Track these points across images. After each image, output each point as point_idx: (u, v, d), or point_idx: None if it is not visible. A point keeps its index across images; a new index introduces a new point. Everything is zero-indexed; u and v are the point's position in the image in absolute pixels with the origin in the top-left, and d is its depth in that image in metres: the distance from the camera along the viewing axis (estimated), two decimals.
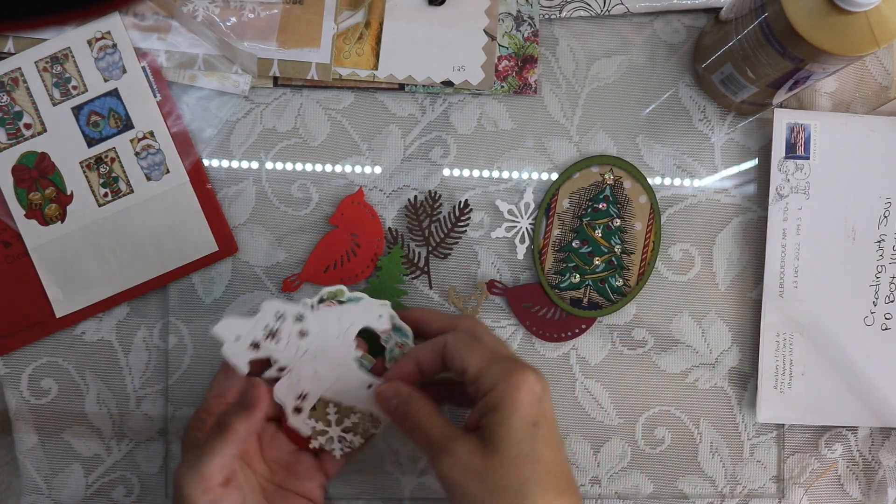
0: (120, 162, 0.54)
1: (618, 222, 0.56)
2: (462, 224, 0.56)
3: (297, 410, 0.49)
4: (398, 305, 0.55)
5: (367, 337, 0.49)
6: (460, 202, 0.56)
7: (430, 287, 0.56)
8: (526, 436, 0.40)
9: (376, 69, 0.56)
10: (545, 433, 0.41)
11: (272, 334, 0.47)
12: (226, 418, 0.45)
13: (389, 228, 0.56)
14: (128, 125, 0.54)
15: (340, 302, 0.48)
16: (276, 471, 0.50)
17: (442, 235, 0.55)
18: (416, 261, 0.56)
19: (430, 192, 0.56)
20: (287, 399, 0.48)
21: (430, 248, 0.55)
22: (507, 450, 0.40)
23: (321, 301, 0.48)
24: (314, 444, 0.50)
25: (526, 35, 0.57)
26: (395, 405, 0.45)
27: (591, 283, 0.56)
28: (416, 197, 0.56)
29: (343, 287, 0.49)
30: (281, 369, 0.48)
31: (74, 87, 0.54)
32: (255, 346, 0.47)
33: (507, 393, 0.40)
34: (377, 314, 0.49)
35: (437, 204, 0.56)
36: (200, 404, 0.49)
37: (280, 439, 0.50)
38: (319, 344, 0.48)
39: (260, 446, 0.49)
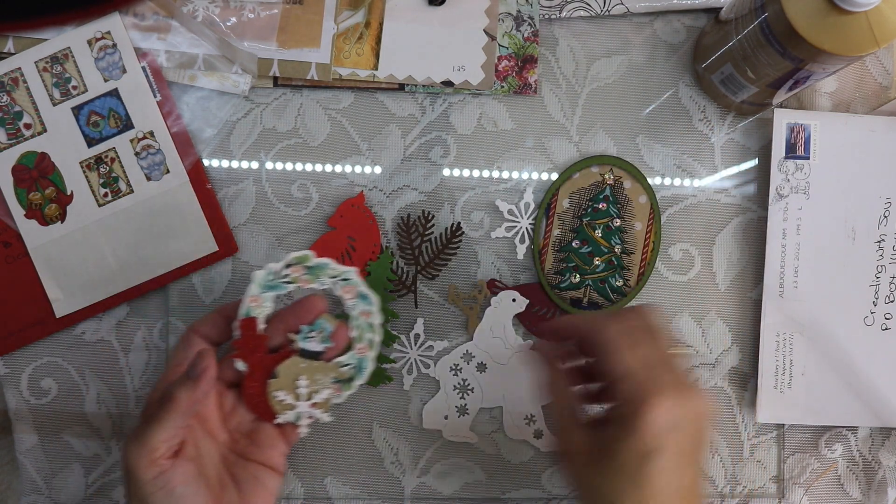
0: (120, 162, 0.54)
1: (618, 222, 0.56)
2: (453, 246, 0.55)
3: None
4: (389, 313, 0.55)
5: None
6: (452, 224, 0.56)
7: (416, 307, 0.56)
8: (633, 462, 0.39)
9: (376, 69, 0.56)
10: (663, 463, 0.39)
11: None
12: (171, 389, 0.44)
13: (384, 245, 0.56)
14: (128, 125, 0.54)
15: (308, 267, 0.48)
16: (237, 439, 0.49)
17: (431, 256, 0.55)
18: (403, 279, 0.56)
19: (423, 211, 0.56)
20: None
21: (419, 268, 0.55)
22: (610, 465, 0.40)
23: (288, 266, 0.48)
24: (280, 419, 0.49)
25: (526, 35, 0.56)
26: (539, 372, 0.46)
27: (591, 283, 0.56)
28: (409, 216, 0.56)
29: (309, 252, 0.48)
30: None
31: (74, 87, 0.54)
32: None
33: (635, 416, 0.39)
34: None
35: (430, 224, 0.56)
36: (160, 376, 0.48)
37: (242, 407, 0.49)
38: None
39: (221, 414, 0.49)
